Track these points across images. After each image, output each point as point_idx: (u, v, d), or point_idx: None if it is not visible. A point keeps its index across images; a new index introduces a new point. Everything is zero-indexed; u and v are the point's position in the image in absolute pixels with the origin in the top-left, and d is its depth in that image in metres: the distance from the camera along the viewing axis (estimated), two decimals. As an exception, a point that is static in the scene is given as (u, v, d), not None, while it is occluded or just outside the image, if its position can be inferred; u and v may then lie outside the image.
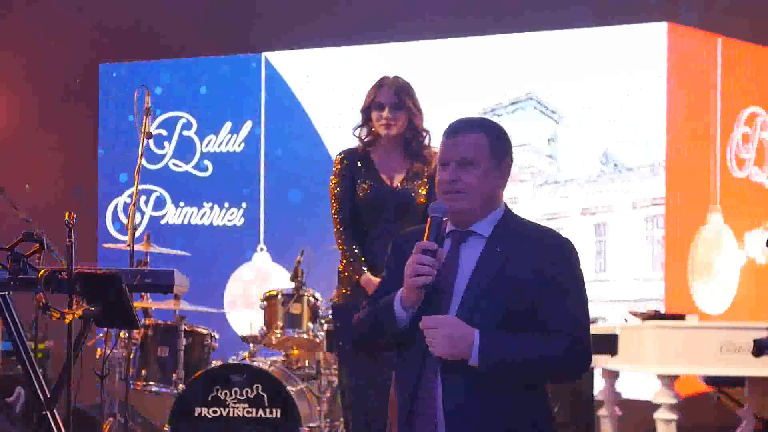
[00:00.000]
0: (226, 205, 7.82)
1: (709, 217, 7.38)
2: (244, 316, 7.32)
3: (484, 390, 2.82)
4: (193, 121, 7.89)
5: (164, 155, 7.96)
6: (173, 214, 7.95)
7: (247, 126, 7.75)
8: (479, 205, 2.92)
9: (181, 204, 7.93)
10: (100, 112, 7.91)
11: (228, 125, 7.80)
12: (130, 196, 7.59)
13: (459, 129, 2.95)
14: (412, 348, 2.88)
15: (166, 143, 7.93)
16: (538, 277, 2.84)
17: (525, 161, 7.45)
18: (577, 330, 2.86)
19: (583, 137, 7.26)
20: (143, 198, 7.94)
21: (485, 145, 2.93)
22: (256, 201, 7.74)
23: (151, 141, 7.32)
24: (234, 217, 7.79)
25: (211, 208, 7.83)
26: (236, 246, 7.74)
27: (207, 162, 7.88)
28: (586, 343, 2.87)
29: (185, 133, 7.92)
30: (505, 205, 3.00)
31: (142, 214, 7.95)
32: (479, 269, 2.87)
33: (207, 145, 7.88)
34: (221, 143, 7.81)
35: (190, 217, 7.90)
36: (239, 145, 7.80)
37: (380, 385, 4.20)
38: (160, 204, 7.95)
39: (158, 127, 7.78)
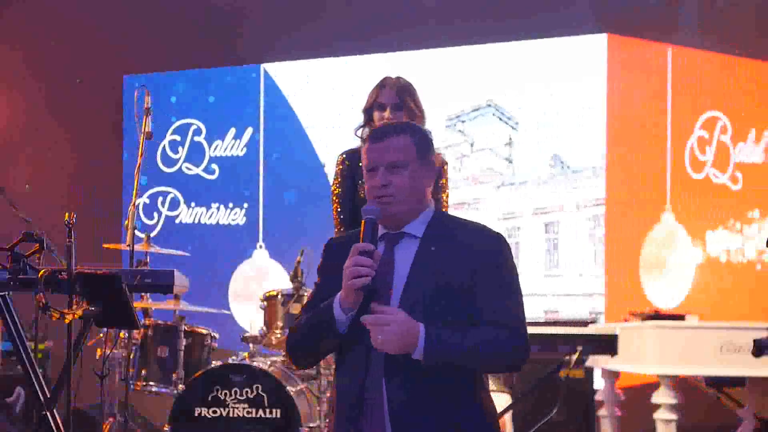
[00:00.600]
0: (230, 205, 8.30)
1: (661, 216, 7.63)
2: (245, 309, 7.81)
3: (427, 387, 2.85)
4: (203, 127, 8.40)
5: (178, 159, 8.48)
6: (185, 214, 8.45)
7: (248, 132, 8.26)
8: (411, 207, 2.97)
9: (192, 204, 8.45)
10: (125, 119, 8.33)
11: (232, 131, 8.32)
12: (151, 196, 8.48)
13: (384, 134, 3.01)
14: (353, 351, 2.91)
15: (179, 148, 8.46)
16: (473, 272, 2.89)
17: (486, 164, 7.88)
18: (513, 321, 2.91)
19: (535, 142, 7.67)
20: (160, 199, 8.48)
21: (411, 146, 2.98)
22: (256, 201, 8.24)
23: (167, 145, 8.40)
24: (237, 216, 8.26)
25: (218, 208, 8.34)
26: (239, 244, 8.21)
27: (214, 165, 8.39)
28: (523, 333, 2.94)
29: (196, 138, 8.43)
30: (435, 204, 3.05)
31: (159, 213, 8.47)
32: (415, 269, 2.91)
33: (214, 150, 8.40)
34: (226, 148, 8.32)
35: (200, 217, 8.41)
36: (241, 150, 8.30)
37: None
38: (174, 204, 8.46)
39: (173, 133, 8.40)
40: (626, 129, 7.68)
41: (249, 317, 6.97)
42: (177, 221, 8.46)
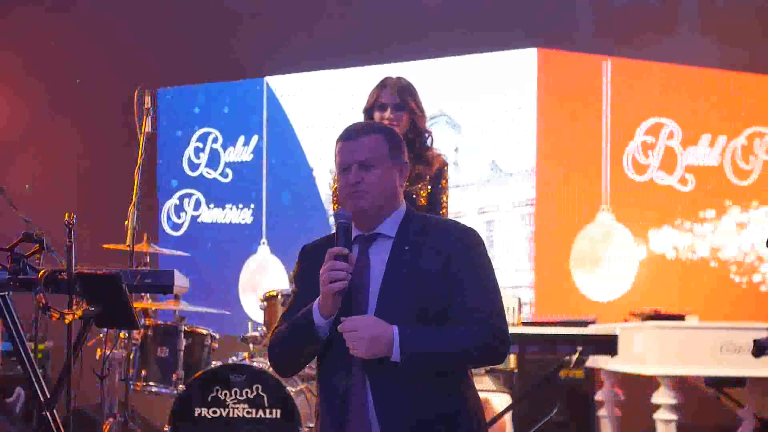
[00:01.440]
0: (240, 206, 9.10)
1: (597, 215, 8.09)
2: (249, 300, 8.64)
3: (409, 382, 2.86)
4: (219, 135, 9.19)
5: (200, 164, 9.24)
6: (206, 214, 9.25)
7: (255, 139, 9.05)
8: (381, 204, 2.98)
9: (211, 205, 9.24)
10: (159, 128, 8.95)
11: (242, 139, 9.11)
12: (180, 197, 9.16)
13: (356, 133, 3.03)
14: (335, 356, 2.92)
15: (201, 154, 9.24)
16: (447, 268, 2.90)
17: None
18: (489, 314, 2.91)
19: (478, 147, 8.38)
20: (186, 200, 9.29)
21: (383, 146, 3.01)
22: (260, 202, 9.02)
23: (192, 152, 9.13)
24: (246, 216, 9.04)
25: (231, 209, 9.15)
26: (247, 241, 9.01)
27: (228, 170, 9.19)
28: (502, 326, 2.94)
29: (213, 145, 9.21)
30: (407, 204, 3.07)
31: (186, 214, 9.29)
32: (390, 269, 2.93)
33: (228, 156, 9.19)
34: (237, 154, 9.13)
35: (217, 217, 9.20)
36: (249, 156, 9.09)
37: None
38: (197, 205, 9.27)
39: (197, 140, 9.19)
40: (557, 135, 8.20)
41: (253, 308, 8.29)
42: (199, 221, 9.24)
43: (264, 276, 8.67)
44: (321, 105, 8.81)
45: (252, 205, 9.04)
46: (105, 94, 8.55)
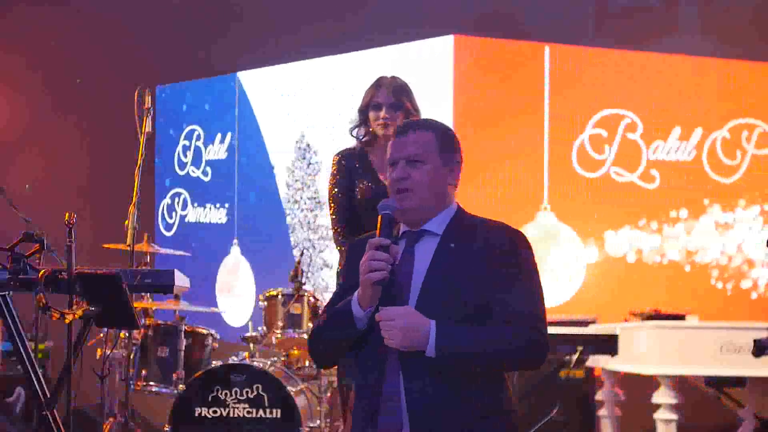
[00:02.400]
0: (218, 205, 8.90)
1: (536, 215, 7.63)
2: (227, 301, 8.55)
3: (445, 380, 2.85)
4: (202, 133, 8.99)
5: (187, 163, 9.08)
6: (191, 214, 9.09)
7: (229, 137, 8.84)
8: (429, 203, 2.97)
9: (195, 204, 9.05)
10: (157, 126, 8.57)
11: (219, 136, 8.90)
12: (172, 197, 8.99)
13: (407, 128, 3.01)
14: (371, 348, 2.91)
15: (188, 152, 9.07)
16: (491, 269, 2.89)
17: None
18: (530, 319, 2.89)
19: None
20: (176, 199, 9.14)
21: (433, 143, 2.98)
22: (233, 201, 8.82)
23: (180, 150, 8.87)
24: (222, 215, 8.86)
25: (210, 209, 8.95)
26: (223, 241, 8.80)
27: (208, 168, 8.95)
28: (541, 331, 2.91)
29: (197, 143, 9.02)
30: (458, 204, 3.04)
31: (176, 213, 9.15)
32: (434, 266, 2.91)
33: (208, 154, 8.97)
34: (215, 152, 8.91)
35: (200, 216, 9.04)
36: (224, 154, 8.88)
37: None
38: (185, 205, 9.11)
39: (184, 138, 9.04)
40: (485, 130, 7.63)
41: (227, 308, 8.33)
42: (186, 220, 9.09)
43: (234, 277, 8.53)
44: (278, 100, 8.54)
45: (227, 204, 8.83)
46: (105, 93, 8.55)
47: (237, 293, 8.48)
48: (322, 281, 7.84)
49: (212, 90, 9.01)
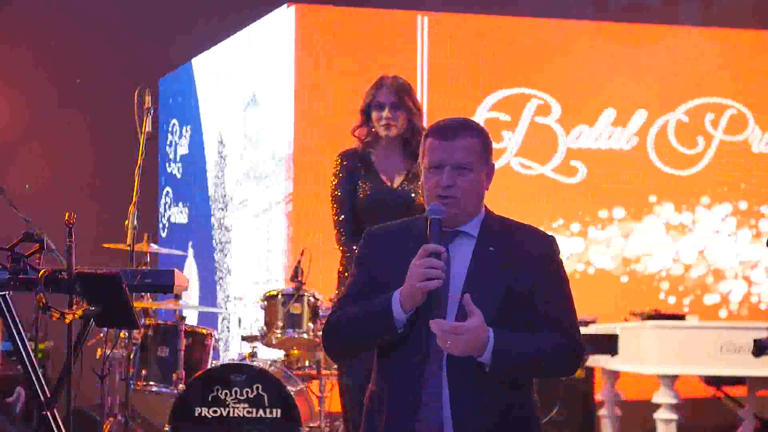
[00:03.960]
0: (180, 204, 8.65)
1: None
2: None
3: (490, 384, 2.83)
4: (177, 126, 8.67)
5: (171, 159, 8.83)
6: (173, 213, 8.77)
7: (187, 131, 8.47)
8: (470, 209, 2.94)
9: (178, 203, 8.76)
10: (160, 121, 8.55)
11: (184, 130, 8.55)
12: (165, 195, 8.72)
13: (454, 131, 2.93)
14: (407, 350, 2.87)
15: (168, 148, 8.80)
16: (532, 273, 2.87)
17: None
18: (571, 326, 2.89)
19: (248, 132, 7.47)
20: (167, 198, 8.88)
21: (480, 150, 2.94)
22: (193, 200, 8.50)
23: (167, 145, 8.55)
24: (184, 215, 8.64)
25: (179, 207, 8.73)
26: (185, 241, 8.44)
27: (180, 164, 8.62)
28: (579, 338, 2.91)
29: (173, 138, 8.69)
30: (485, 204, 3.02)
31: (165, 212, 8.89)
32: (474, 269, 2.89)
33: (180, 149, 8.66)
34: (183, 146, 8.62)
35: (175, 215, 8.76)
36: (186, 149, 8.52)
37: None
38: (168, 204, 8.86)
39: (170, 132, 8.73)
40: (325, 111, 6.65)
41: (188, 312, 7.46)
42: (171, 221, 8.79)
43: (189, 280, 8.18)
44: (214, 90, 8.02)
45: (188, 203, 8.49)
46: (106, 91, 8.54)
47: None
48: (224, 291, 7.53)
49: (187, 79, 8.63)
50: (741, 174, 7.34)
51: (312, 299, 5.65)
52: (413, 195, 4.57)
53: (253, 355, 5.68)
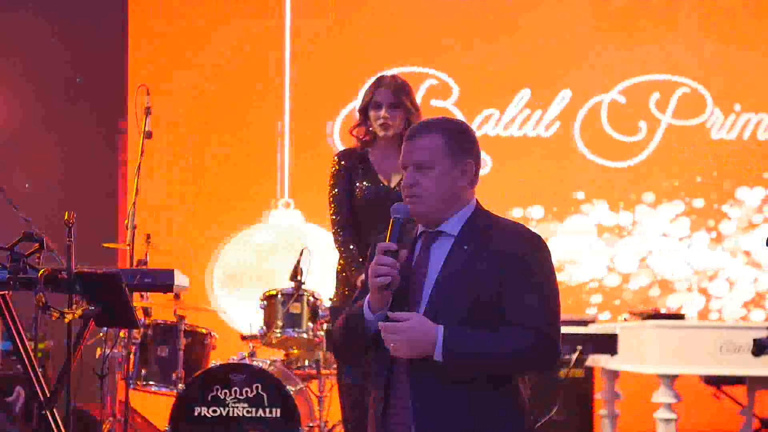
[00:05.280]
0: None
1: (268, 215, 6.17)
2: None
3: (453, 385, 2.85)
4: None
5: None
6: None
7: None
8: (439, 207, 2.95)
9: None
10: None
11: None
12: None
13: (416, 132, 2.99)
14: (380, 351, 2.91)
15: None
16: (503, 271, 2.87)
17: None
18: (540, 323, 2.88)
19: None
20: None
21: (440, 146, 2.95)
22: None
23: None
24: None
25: None
26: None
27: None
28: (551, 335, 2.90)
29: None
30: (477, 202, 3.02)
31: None
32: (446, 268, 2.91)
33: None
34: None
35: None
36: None
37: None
38: None
39: None
40: (174, 102, 6.08)
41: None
42: None
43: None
44: None
45: None
46: (106, 92, 8.55)
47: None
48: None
49: None
50: (696, 166, 6.43)
51: (312, 299, 5.65)
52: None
53: (252, 354, 5.68)
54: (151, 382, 5.64)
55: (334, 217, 4.67)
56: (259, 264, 5.74)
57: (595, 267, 6.15)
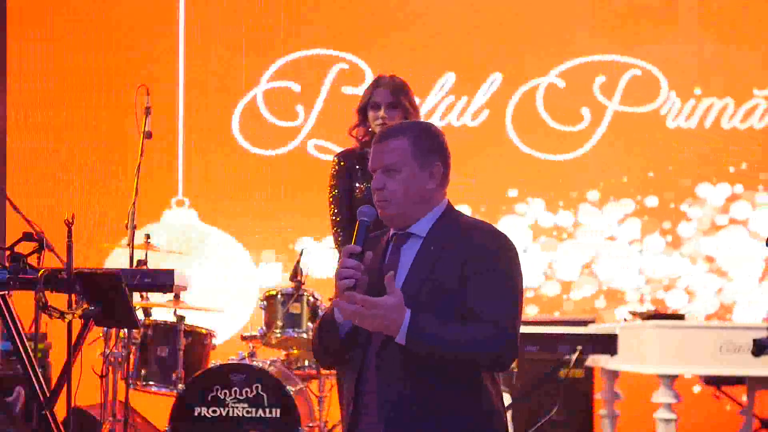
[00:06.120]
0: None
1: (163, 215, 5.85)
2: None
3: (421, 383, 2.88)
4: None
5: None
6: None
7: None
8: (407, 210, 2.98)
9: None
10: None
11: None
12: None
13: (383, 136, 3.03)
14: (353, 350, 2.97)
15: None
16: (468, 269, 2.91)
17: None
18: (501, 319, 2.90)
19: None
20: None
21: (407, 149, 2.98)
22: None
23: None
24: None
25: None
26: None
27: None
28: (510, 331, 2.92)
29: None
30: (448, 203, 3.06)
31: None
32: (414, 269, 2.95)
33: None
34: None
35: None
36: None
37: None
38: None
39: None
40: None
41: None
42: None
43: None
44: None
45: None
46: (105, 92, 8.53)
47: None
48: None
49: None
50: (649, 159, 5.75)
51: (312, 299, 5.65)
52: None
53: (252, 354, 5.68)
54: (151, 382, 5.64)
55: (334, 217, 4.67)
56: (154, 265, 5.27)
57: (531, 275, 5.48)
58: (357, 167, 4.64)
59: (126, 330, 5.43)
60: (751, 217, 5.97)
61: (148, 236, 5.85)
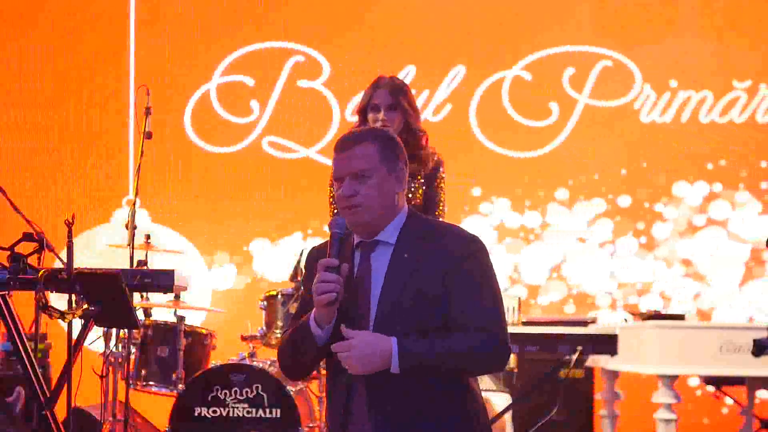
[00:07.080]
0: None
1: (113, 215, 5.79)
2: None
3: (411, 398, 2.88)
4: None
5: None
6: None
7: None
8: (379, 215, 2.96)
9: None
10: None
11: None
12: None
13: (348, 143, 2.99)
14: (336, 361, 2.92)
15: None
16: (446, 276, 2.90)
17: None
18: (489, 323, 2.91)
19: None
20: None
21: (375, 154, 2.97)
22: None
23: None
24: None
25: None
26: None
27: None
28: (499, 334, 2.93)
29: None
30: (408, 208, 3.04)
31: None
32: (389, 278, 2.93)
33: None
34: None
35: None
36: None
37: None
38: None
39: None
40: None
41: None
42: None
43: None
44: None
45: None
46: (105, 91, 8.53)
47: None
48: None
49: None
50: (622, 156, 5.53)
51: (312, 299, 5.64)
52: (410, 195, 4.57)
53: (252, 355, 5.68)
54: (151, 383, 5.65)
55: (334, 217, 4.67)
56: (105, 266, 4.86)
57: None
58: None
59: (126, 330, 5.43)
60: (731, 218, 5.78)
61: (148, 236, 5.85)
